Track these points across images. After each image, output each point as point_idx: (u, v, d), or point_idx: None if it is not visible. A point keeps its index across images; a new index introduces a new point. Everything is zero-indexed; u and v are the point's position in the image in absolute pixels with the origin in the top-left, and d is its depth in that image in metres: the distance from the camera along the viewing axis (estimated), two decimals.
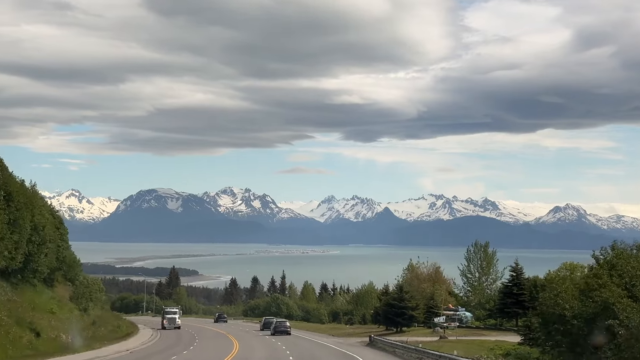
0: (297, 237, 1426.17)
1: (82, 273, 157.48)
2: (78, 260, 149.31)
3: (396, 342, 72.05)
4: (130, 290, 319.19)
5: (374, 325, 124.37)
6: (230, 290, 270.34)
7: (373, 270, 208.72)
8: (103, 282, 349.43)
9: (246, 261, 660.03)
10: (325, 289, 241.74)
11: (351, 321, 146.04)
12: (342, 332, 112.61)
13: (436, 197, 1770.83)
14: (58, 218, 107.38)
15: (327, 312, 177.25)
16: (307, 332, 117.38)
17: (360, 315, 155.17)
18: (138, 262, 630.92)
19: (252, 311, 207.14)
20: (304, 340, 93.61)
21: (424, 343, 75.05)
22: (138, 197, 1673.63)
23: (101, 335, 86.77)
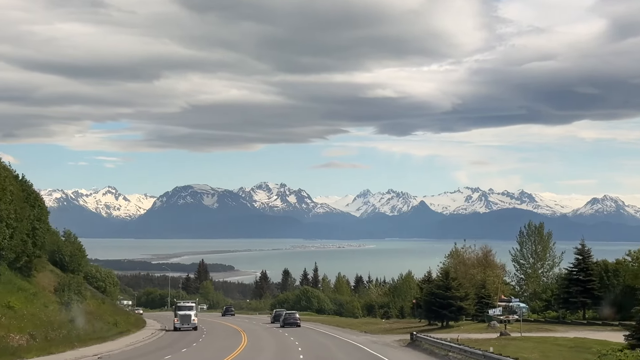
0: (332, 231, 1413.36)
1: (87, 264, 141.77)
2: (83, 250, 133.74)
3: (446, 342, 54.05)
4: (164, 287, 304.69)
5: (414, 320, 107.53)
6: (260, 284, 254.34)
7: (410, 264, 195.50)
8: (138, 278, 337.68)
9: (282, 256, 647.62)
10: (360, 282, 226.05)
11: (387, 315, 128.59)
12: (377, 327, 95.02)
13: (472, 190, 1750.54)
14: (35, 195, 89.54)
15: (361, 306, 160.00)
16: (336, 328, 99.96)
17: (397, 308, 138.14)
18: (174, 259, 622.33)
19: (280, 305, 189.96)
20: (329, 339, 76.42)
21: (480, 341, 57.55)
22: (174, 193, 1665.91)
23: (79, 335, 69.86)
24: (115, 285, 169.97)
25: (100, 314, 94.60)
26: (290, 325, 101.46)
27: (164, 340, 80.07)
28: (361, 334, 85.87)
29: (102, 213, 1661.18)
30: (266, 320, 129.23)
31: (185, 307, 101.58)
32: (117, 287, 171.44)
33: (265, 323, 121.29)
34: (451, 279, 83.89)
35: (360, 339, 74.63)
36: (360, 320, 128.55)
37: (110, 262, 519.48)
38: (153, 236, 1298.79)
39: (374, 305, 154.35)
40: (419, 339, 61.07)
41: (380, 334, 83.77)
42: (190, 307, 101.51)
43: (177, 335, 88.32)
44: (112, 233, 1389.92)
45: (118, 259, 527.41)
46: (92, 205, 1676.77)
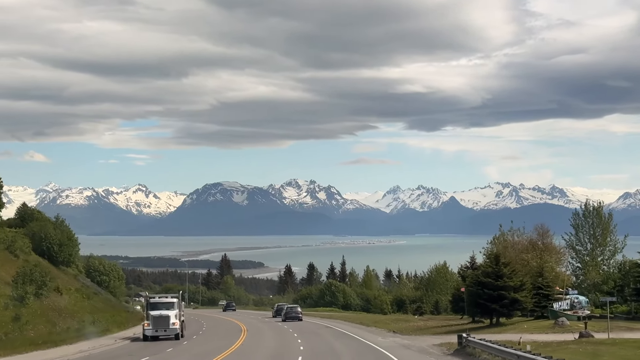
0: (362, 228, 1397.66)
1: (77, 254, 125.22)
2: (74, 239, 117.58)
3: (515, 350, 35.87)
4: (192, 283, 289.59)
5: (454, 315, 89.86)
6: (285, 279, 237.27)
7: (441, 260, 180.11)
8: (166, 274, 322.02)
9: (312, 252, 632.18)
10: (389, 276, 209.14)
11: (420, 311, 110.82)
12: (409, 326, 77.52)
13: (502, 185, 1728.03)
14: None
15: (391, 301, 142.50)
16: (359, 327, 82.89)
17: (431, 303, 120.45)
18: (204, 255, 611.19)
19: (303, 300, 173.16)
20: (345, 341, 59.41)
21: (556, 346, 39.80)
22: (204, 190, 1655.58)
23: (20, 337, 52.89)
24: (121, 279, 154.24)
25: (76, 310, 78.62)
26: (292, 319, 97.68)
27: (136, 344, 63.08)
28: (389, 334, 68.66)
29: (132, 211, 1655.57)
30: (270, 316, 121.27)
31: (160, 305, 68.64)
32: (122, 281, 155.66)
33: (265, 317, 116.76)
34: (502, 265, 65.91)
35: (387, 342, 57.32)
36: (389, 316, 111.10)
37: (140, 259, 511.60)
38: (183, 234, 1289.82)
39: (405, 300, 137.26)
40: (470, 344, 42.86)
41: (413, 334, 66.44)
42: (169, 304, 68.51)
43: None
44: (143, 231, 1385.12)
45: (148, 256, 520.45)
46: (122, 203, 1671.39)
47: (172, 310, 67.69)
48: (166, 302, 69.84)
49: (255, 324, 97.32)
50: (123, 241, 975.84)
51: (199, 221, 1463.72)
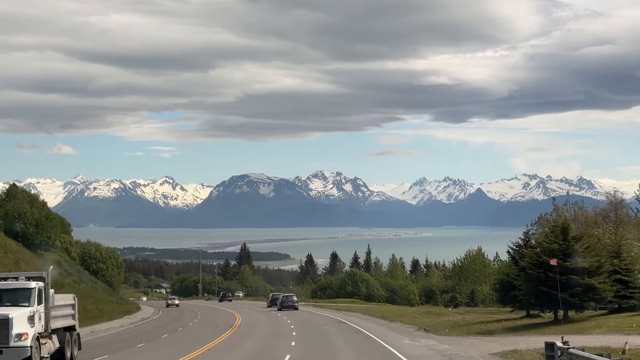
0: (389, 219, 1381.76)
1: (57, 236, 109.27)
2: (53, 219, 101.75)
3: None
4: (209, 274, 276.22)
5: (497, 308, 72.79)
6: (306, 268, 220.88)
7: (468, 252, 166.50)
8: (190, 265, 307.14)
9: (338, 244, 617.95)
10: (416, 266, 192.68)
11: (455, 302, 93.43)
12: (444, 321, 60.88)
13: (529, 177, 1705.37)
14: None
15: (419, 291, 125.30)
16: (381, 322, 66.64)
17: (465, 293, 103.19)
18: (230, 247, 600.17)
19: (322, 291, 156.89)
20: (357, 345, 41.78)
21: None
22: (230, 182, 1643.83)
23: None
24: (120, 267, 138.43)
25: None
26: (287, 308, 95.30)
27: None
28: (419, 333, 51.84)
29: (159, 203, 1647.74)
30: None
31: None
32: (121, 269, 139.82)
33: (260, 307, 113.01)
34: (572, 240, 48.46)
35: (418, 348, 40.34)
36: (417, 309, 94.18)
37: (166, 251, 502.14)
38: (210, 225, 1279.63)
39: (435, 291, 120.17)
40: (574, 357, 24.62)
41: (451, 333, 49.56)
42: (14, 294, 35.04)
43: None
44: (170, 223, 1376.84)
45: (174, 248, 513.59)
46: (149, 195, 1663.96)
47: (18, 308, 34.00)
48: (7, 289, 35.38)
49: (250, 314, 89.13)
50: (150, 233, 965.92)
51: (226, 213, 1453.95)
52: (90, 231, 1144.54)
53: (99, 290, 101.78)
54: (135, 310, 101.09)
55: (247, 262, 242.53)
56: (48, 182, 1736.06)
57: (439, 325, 56.04)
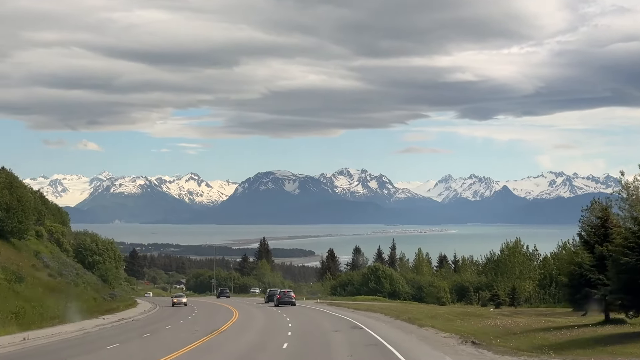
0: (414, 216, 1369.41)
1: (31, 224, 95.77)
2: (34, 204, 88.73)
3: None
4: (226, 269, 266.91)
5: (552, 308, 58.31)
6: (327, 264, 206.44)
7: (496, 249, 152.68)
8: (212, 262, 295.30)
9: (362, 241, 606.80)
10: (443, 261, 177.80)
11: (497, 300, 78.59)
12: (489, 326, 46.73)
13: (556, 175, 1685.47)
14: None
15: (449, 288, 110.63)
16: (408, 326, 51.44)
17: (505, 290, 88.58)
18: (255, 244, 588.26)
19: (342, 288, 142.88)
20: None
21: None
22: (255, 179, 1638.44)
23: None
24: (118, 260, 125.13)
25: None
26: (284, 304, 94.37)
27: None
28: (463, 346, 36.90)
29: (185, 199, 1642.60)
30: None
31: None
32: (119, 262, 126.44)
33: (259, 303, 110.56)
34: None
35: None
36: (450, 308, 79.44)
37: (190, 247, 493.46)
38: (235, 222, 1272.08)
39: (468, 288, 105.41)
40: None
41: (514, 348, 34.39)
42: None
43: None
44: (195, 219, 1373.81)
45: (198, 245, 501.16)
46: (175, 191, 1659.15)
47: None
48: None
49: (247, 312, 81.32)
50: (175, 229, 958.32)
51: (251, 210, 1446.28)
52: (116, 227, 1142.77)
53: (81, 286, 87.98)
54: (125, 308, 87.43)
55: (267, 257, 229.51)
56: (74, 179, 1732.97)
57: (487, 333, 41.48)
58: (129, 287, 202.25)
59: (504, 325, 47.41)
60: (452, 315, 61.54)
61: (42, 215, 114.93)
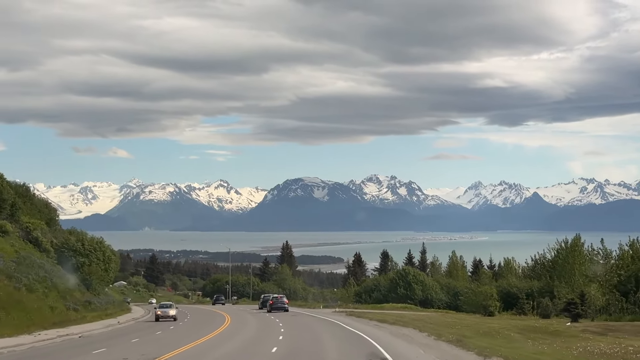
0: (443, 223, 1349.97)
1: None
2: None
3: None
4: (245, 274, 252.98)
5: None
6: (353, 269, 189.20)
7: (528, 256, 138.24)
8: (239, 269, 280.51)
9: (392, 248, 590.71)
10: (478, 267, 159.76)
11: (574, 311, 59.53)
12: (592, 356, 26.87)
13: (587, 181, 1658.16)
14: None
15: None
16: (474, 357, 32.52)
17: (562, 298, 69.82)
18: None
19: (368, 294, 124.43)
20: None
21: None
22: (285, 186, 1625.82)
23: None
24: (107, 263, 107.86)
25: None
26: (277, 310, 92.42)
27: None
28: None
29: (214, 207, 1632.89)
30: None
31: None
32: (109, 265, 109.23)
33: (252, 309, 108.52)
34: None
35: None
36: (502, 320, 60.57)
37: (219, 254, 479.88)
38: (264, 229, 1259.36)
39: (517, 295, 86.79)
40: None
41: None
42: None
43: None
44: (224, 226, 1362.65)
45: (227, 252, 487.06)
46: (204, 199, 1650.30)
47: None
48: None
49: (238, 319, 75.64)
50: (204, 236, 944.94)
51: (280, 217, 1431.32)
52: (146, 234, 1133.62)
53: (38, 292, 70.14)
54: (96, 318, 70.54)
55: (289, 262, 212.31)
56: (104, 186, 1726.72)
57: None
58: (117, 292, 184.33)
59: (616, 354, 28.82)
60: (514, 331, 43.12)
61: (15, 208, 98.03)
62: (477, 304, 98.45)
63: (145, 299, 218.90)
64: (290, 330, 52.32)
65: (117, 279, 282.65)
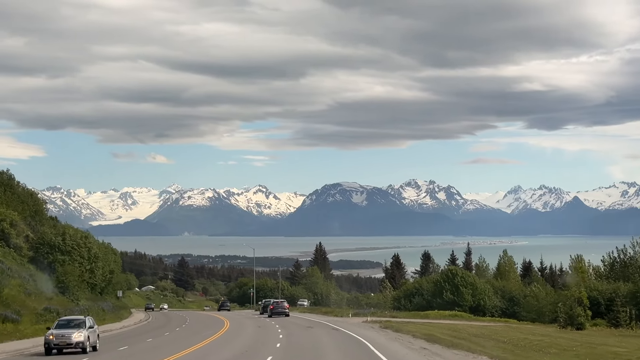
0: (483, 228, 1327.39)
1: None
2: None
3: None
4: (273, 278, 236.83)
5: None
6: (392, 272, 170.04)
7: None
8: (275, 273, 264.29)
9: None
10: (528, 269, 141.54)
11: None
12: None
13: (628, 185, 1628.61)
14: None
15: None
16: None
17: None
18: None
19: (408, 299, 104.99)
20: None
21: None
22: (323, 191, 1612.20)
23: None
24: (94, 261, 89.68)
25: None
26: (278, 315, 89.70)
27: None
28: None
29: (253, 212, 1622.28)
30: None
31: None
32: (97, 264, 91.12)
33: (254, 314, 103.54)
34: None
35: None
36: (610, 336, 39.96)
37: (257, 259, 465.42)
38: (303, 234, 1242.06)
39: (597, 300, 66.59)
40: None
41: None
42: None
43: None
44: (263, 231, 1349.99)
45: (265, 257, 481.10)
46: (243, 204, 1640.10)
47: None
48: None
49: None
50: (242, 241, 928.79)
51: (319, 222, 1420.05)
52: (185, 239, 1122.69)
53: None
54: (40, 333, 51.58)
55: (323, 265, 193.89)
56: (144, 191, 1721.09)
57: None
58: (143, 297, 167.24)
59: None
60: None
61: None
62: (540, 312, 79.72)
63: (172, 304, 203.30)
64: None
65: (146, 283, 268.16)
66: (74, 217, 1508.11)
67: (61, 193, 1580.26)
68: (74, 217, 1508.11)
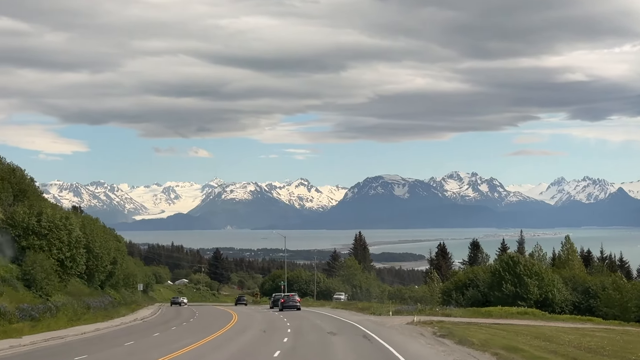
0: (526, 220, 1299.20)
1: None
2: None
3: None
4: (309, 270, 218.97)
5: None
6: (437, 262, 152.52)
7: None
8: (318, 266, 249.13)
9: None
10: (588, 259, 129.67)
11: None
12: None
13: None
14: None
15: None
16: None
17: None
18: None
19: (460, 292, 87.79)
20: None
21: None
22: (365, 184, 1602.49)
23: None
24: (76, 247, 71.65)
25: None
26: (289, 308, 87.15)
27: None
28: None
29: (295, 205, 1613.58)
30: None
31: None
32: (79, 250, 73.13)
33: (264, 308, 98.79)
34: None
35: None
36: None
37: (299, 252, 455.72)
38: (345, 227, 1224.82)
39: None
40: None
41: None
42: None
43: None
44: (305, 224, 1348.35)
45: (308, 249, 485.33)
46: (285, 197, 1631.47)
47: None
48: None
49: None
50: (285, 235, 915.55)
51: (361, 214, 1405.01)
52: (227, 233, 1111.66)
53: None
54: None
55: (363, 256, 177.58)
56: (187, 185, 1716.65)
57: None
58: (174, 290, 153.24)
59: None
60: None
61: None
62: (624, 307, 63.00)
63: (206, 297, 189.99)
64: None
65: (180, 276, 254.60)
66: (117, 212, 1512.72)
67: (105, 188, 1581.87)
68: (117, 212, 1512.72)
